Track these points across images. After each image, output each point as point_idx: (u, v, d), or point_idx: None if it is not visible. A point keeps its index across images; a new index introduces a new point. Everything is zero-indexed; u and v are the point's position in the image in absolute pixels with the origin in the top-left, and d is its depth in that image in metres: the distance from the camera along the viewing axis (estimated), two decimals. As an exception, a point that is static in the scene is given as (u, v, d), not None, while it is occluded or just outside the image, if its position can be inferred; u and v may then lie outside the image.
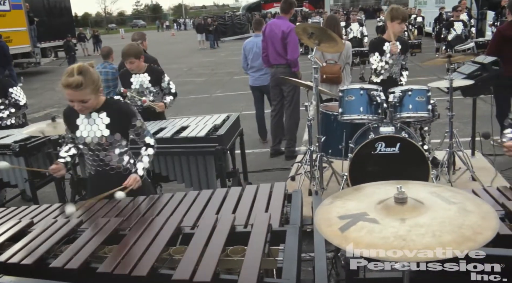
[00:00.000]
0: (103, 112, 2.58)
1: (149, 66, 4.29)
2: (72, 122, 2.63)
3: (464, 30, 9.98)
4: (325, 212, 1.49)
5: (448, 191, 1.53)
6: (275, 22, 5.74)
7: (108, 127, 2.56)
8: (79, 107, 2.47)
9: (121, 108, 2.65)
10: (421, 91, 3.61)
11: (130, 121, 2.61)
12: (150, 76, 4.23)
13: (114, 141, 2.59)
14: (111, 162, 2.64)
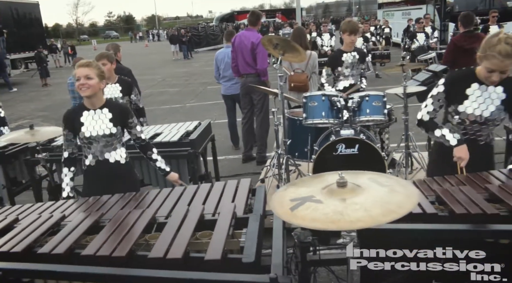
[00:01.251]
0: (106, 108, 2.94)
1: (119, 78, 4.40)
2: (76, 121, 2.92)
3: (426, 41, 10.54)
4: (280, 197, 1.75)
5: (383, 177, 1.81)
6: (244, 34, 6.03)
7: (112, 121, 2.93)
8: (83, 82, 2.78)
9: (121, 105, 3.15)
10: (377, 96, 3.94)
11: (127, 116, 2.99)
12: (121, 86, 4.35)
13: (117, 133, 2.96)
14: (111, 154, 2.99)
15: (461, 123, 2.66)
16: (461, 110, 2.60)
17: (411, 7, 21.63)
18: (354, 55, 4.65)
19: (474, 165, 2.58)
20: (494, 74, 2.40)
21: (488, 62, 2.38)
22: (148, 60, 26.07)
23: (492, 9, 12.05)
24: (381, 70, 5.80)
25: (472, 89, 2.57)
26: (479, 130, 2.65)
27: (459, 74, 2.68)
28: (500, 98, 2.54)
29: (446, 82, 2.63)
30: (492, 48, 2.34)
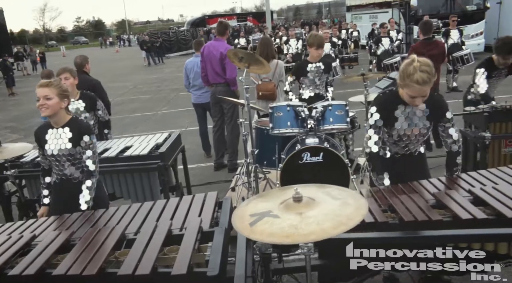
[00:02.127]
0: (67, 127, 2.96)
1: (82, 93, 4.40)
2: (42, 138, 2.98)
3: (391, 45, 10.88)
4: (240, 212, 1.87)
5: (337, 190, 1.96)
6: (212, 44, 6.12)
7: (71, 141, 2.93)
8: (41, 102, 2.82)
9: (83, 125, 3.06)
10: (340, 106, 4.12)
11: (82, 136, 2.94)
12: (84, 103, 4.36)
13: (76, 153, 2.95)
14: (74, 173, 3.01)
15: (395, 141, 2.85)
16: (394, 132, 2.80)
17: (378, 10, 22.18)
18: (319, 65, 4.83)
19: (412, 175, 2.80)
20: (417, 99, 2.59)
21: (408, 90, 2.56)
22: (119, 66, 25.82)
23: (452, 14, 12.54)
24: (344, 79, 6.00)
25: (400, 111, 2.75)
26: (412, 144, 2.87)
27: (386, 98, 2.82)
28: (425, 115, 2.76)
29: (378, 109, 2.78)
30: (410, 78, 2.51)
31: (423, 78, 2.48)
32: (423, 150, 3.00)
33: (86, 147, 2.95)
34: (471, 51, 10.18)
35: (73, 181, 3.01)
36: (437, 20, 14.49)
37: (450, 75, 10.65)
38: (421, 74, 2.48)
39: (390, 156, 2.90)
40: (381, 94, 2.95)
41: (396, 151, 2.90)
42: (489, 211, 2.13)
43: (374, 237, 2.02)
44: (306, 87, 4.91)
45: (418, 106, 2.66)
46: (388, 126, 2.79)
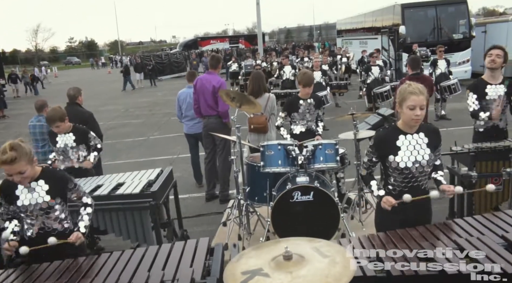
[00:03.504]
0: (41, 180, 2.90)
1: (74, 126, 4.56)
2: (11, 194, 2.89)
3: (380, 73, 11.11)
4: (232, 269, 1.91)
5: (326, 246, 2.01)
6: (205, 77, 6.23)
7: (48, 193, 2.89)
8: (18, 179, 2.78)
9: (57, 174, 3.02)
10: (330, 145, 4.21)
11: (66, 184, 2.98)
12: (74, 136, 4.51)
13: (55, 204, 2.92)
14: (53, 225, 2.96)
15: (400, 173, 2.90)
16: (399, 161, 2.86)
17: (368, 36, 22.64)
18: (310, 102, 4.93)
19: (415, 211, 2.91)
20: (417, 110, 2.74)
21: (409, 101, 2.74)
22: (111, 88, 25.88)
23: (439, 44, 12.86)
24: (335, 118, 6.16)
25: (401, 141, 2.87)
26: (419, 176, 2.92)
27: (384, 132, 2.99)
28: (425, 143, 2.88)
29: (375, 143, 2.94)
30: (408, 90, 2.77)
31: (418, 88, 2.77)
32: (428, 188, 3.04)
33: (73, 192, 3.01)
34: (458, 80, 10.42)
35: (52, 233, 2.92)
36: (426, 48, 14.84)
37: (439, 104, 10.89)
38: (415, 85, 2.78)
39: (398, 191, 2.95)
40: (381, 129, 3.18)
41: (404, 185, 2.93)
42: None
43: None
44: (297, 122, 5.00)
45: (419, 117, 2.77)
46: (392, 157, 2.87)
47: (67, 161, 4.56)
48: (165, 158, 9.49)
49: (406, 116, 2.82)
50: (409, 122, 2.84)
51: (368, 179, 3.08)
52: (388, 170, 2.95)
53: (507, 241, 2.41)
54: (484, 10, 71.28)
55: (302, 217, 3.99)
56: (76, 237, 2.88)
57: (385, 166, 2.97)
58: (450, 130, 9.80)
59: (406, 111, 2.78)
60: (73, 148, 4.51)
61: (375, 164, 3.04)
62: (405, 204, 2.81)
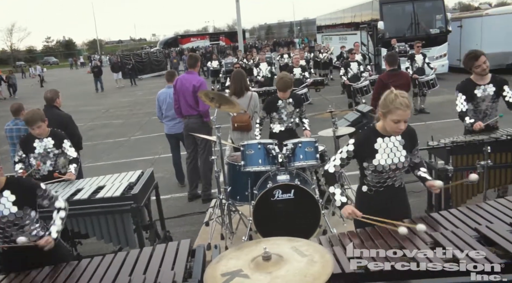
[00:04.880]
0: (7, 191, 2.80)
1: (52, 130, 4.44)
2: None
3: (359, 69, 11.22)
4: (212, 270, 1.93)
5: (305, 245, 2.04)
6: (185, 77, 6.21)
7: (15, 204, 2.80)
8: None
9: (23, 183, 2.93)
10: (310, 143, 4.25)
11: (35, 192, 2.90)
12: (53, 140, 4.38)
13: (24, 214, 2.84)
14: (23, 235, 2.82)
15: (377, 174, 2.97)
16: (376, 163, 2.92)
17: (347, 32, 22.82)
18: (289, 101, 4.96)
19: (394, 208, 2.98)
20: (401, 124, 2.78)
21: (394, 115, 2.76)
22: (91, 88, 25.48)
23: (417, 38, 13.06)
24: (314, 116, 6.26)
25: (379, 143, 2.92)
26: (394, 176, 3.00)
27: (364, 135, 3.01)
28: (401, 145, 2.94)
29: (355, 143, 2.96)
30: (394, 103, 2.74)
31: (405, 101, 2.75)
32: (404, 185, 3.13)
33: (43, 198, 2.93)
34: (435, 75, 10.63)
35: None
36: (404, 43, 15.04)
37: (417, 98, 11.04)
38: (403, 99, 2.75)
39: (374, 191, 3.02)
40: (361, 131, 3.20)
41: (380, 185, 3.01)
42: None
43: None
44: (277, 122, 5.03)
45: (402, 130, 2.81)
46: (369, 159, 2.92)
47: (50, 165, 4.46)
48: (147, 158, 9.45)
49: (389, 126, 2.84)
50: (391, 132, 2.89)
51: (333, 180, 3.03)
52: (365, 170, 3.01)
53: (480, 233, 2.49)
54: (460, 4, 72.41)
55: (284, 215, 4.02)
56: (45, 242, 2.80)
57: (362, 167, 3.02)
58: (429, 123, 9.98)
59: (390, 123, 2.81)
60: (53, 152, 4.42)
61: (347, 164, 3.07)
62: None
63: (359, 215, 2.82)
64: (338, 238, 2.62)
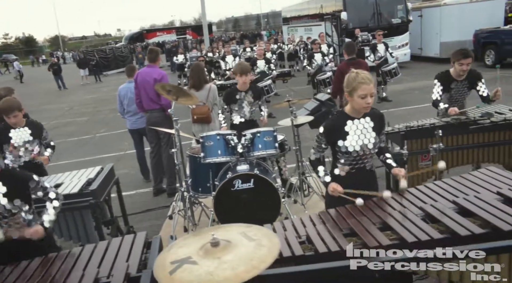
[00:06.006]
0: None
1: (28, 120, 4.38)
2: None
3: (323, 60, 11.35)
4: (162, 259, 1.95)
5: (254, 230, 2.09)
6: (145, 71, 6.15)
7: (6, 196, 2.75)
8: None
9: (15, 175, 2.87)
10: (268, 132, 4.30)
11: (27, 184, 2.84)
12: (30, 130, 4.30)
13: (15, 207, 2.79)
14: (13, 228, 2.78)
15: (348, 156, 3.07)
16: (347, 145, 3.02)
17: (312, 23, 22.99)
18: (249, 93, 4.99)
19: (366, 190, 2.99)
20: (368, 98, 2.88)
21: (359, 90, 2.87)
22: (54, 86, 24.81)
23: (379, 28, 13.30)
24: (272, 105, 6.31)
25: (349, 126, 3.02)
26: (365, 158, 3.10)
27: (334, 119, 3.12)
28: (370, 126, 3.04)
29: (325, 129, 3.06)
30: (357, 80, 2.88)
31: (367, 76, 2.90)
32: (374, 168, 3.25)
33: (36, 190, 2.89)
34: (397, 64, 10.89)
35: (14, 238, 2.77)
36: (367, 33, 15.29)
37: (380, 86, 11.29)
38: (363, 74, 2.90)
39: (345, 174, 3.11)
40: (330, 116, 3.35)
41: (352, 167, 3.10)
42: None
43: (287, 272, 2.17)
44: (237, 113, 5.05)
45: (369, 105, 2.91)
46: (341, 141, 3.01)
47: (27, 155, 4.34)
48: (113, 155, 9.32)
49: (357, 104, 2.93)
50: (360, 110, 2.97)
51: (316, 165, 3.19)
52: (337, 153, 3.10)
53: (458, 206, 2.62)
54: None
55: (245, 205, 4.07)
56: (33, 231, 2.75)
57: (335, 150, 3.11)
58: (391, 111, 10.21)
59: (358, 100, 2.90)
60: (30, 143, 4.30)
61: (324, 150, 3.17)
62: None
63: (341, 191, 2.95)
64: (292, 223, 2.68)
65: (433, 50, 17.30)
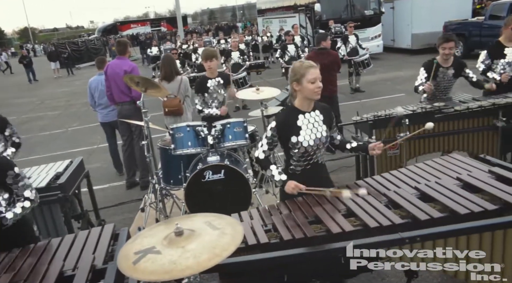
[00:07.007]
0: None
1: None
2: None
3: (296, 51, 11.39)
4: (126, 250, 1.96)
5: (218, 219, 2.11)
6: (115, 62, 6.07)
7: None
8: None
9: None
10: (238, 123, 4.32)
11: (5, 173, 2.74)
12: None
13: None
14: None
15: (304, 152, 3.01)
16: (301, 140, 2.97)
17: (286, 15, 22.99)
18: (218, 80, 4.97)
19: (319, 184, 2.96)
20: (317, 82, 2.87)
21: (308, 75, 2.84)
22: (23, 79, 24.19)
23: (351, 20, 13.43)
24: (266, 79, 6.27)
25: (301, 120, 2.98)
26: (318, 152, 3.07)
27: (284, 115, 3.06)
28: (321, 119, 3.03)
29: (277, 125, 2.98)
30: (302, 66, 2.87)
31: (310, 62, 2.89)
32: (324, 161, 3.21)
33: (15, 181, 2.77)
34: (369, 54, 11.04)
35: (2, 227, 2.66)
36: (340, 25, 15.41)
37: (352, 77, 11.42)
38: (306, 61, 2.90)
39: (301, 170, 3.05)
40: (280, 111, 3.26)
41: (307, 163, 3.05)
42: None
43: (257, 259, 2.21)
44: (209, 103, 5.01)
45: (320, 89, 2.87)
46: (294, 136, 2.96)
47: None
48: (85, 149, 9.19)
49: (308, 91, 2.88)
50: (312, 96, 2.91)
51: (267, 163, 3.05)
52: (291, 151, 3.02)
53: (419, 191, 2.70)
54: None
55: (216, 195, 4.09)
56: None
57: (287, 147, 3.03)
58: (363, 101, 10.36)
59: (308, 85, 2.85)
60: None
61: (275, 147, 3.09)
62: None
63: (303, 188, 2.84)
64: (258, 212, 2.71)
65: (405, 41, 17.58)
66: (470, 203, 2.41)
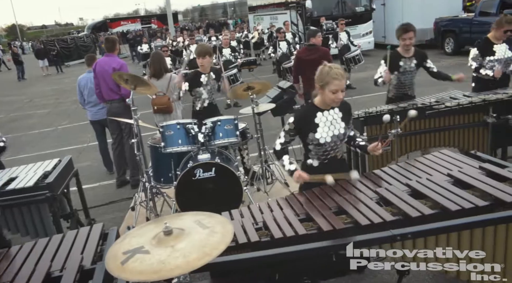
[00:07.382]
0: None
1: None
2: None
3: (288, 48, 11.38)
4: (114, 249, 1.92)
5: (208, 218, 2.08)
6: (104, 60, 6.00)
7: None
8: None
9: None
10: (229, 120, 4.29)
11: None
12: None
13: None
14: None
15: (320, 147, 3.07)
16: (318, 137, 3.03)
17: (278, 11, 22.95)
18: (210, 75, 4.92)
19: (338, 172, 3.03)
20: (339, 93, 2.90)
21: (331, 85, 2.86)
22: (13, 77, 23.92)
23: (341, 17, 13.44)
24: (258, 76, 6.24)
25: (319, 118, 3.03)
26: (336, 147, 3.13)
27: (303, 111, 3.11)
28: (339, 117, 3.07)
29: (295, 120, 3.05)
30: (330, 74, 2.86)
31: (340, 72, 2.88)
32: (345, 156, 3.28)
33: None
34: (361, 51, 11.04)
35: None
36: (332, 21, 15.40)
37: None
38: (336, 70, 2.88)
39: (319, 164, 3.12)
40: (300, 107, 3.36)
41: (324, 157, 3.11)
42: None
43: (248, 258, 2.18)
44: (200, 98, 4.95)
45: (340, 99, 2.92)
46: (311, 133, 3.02)
47: None
48: (75, 147, 9.11)
49: (328, 98, 2.94)
50: (330, 103, 2.98)
51: (281, 154, 3.14)
52: (308, 145, 3.10)
53: (410, 188, 2.69)
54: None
55: (207, 193, 4.06)
56: None
57: (305, 142, 3.11)
58: (355, 98, 10.36)
59: (329, 94, 2.90)
60: None
61: (292, 141, 3.16)
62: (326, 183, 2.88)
63: (306, 177, 2.92)
64: (249, 210, 2.69)
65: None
66: (461, 199, 2.41)
